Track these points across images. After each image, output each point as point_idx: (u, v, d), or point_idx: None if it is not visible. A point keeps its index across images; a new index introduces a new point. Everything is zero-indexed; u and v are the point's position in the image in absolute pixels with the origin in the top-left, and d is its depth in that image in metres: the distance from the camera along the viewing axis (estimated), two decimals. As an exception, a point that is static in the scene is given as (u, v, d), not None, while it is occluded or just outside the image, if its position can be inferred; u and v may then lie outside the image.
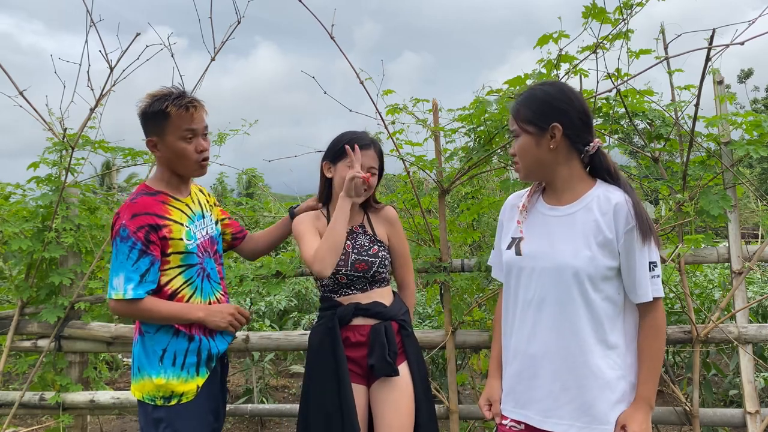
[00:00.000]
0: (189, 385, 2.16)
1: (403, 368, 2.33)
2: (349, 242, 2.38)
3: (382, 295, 2.39)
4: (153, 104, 2.12)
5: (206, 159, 2.21)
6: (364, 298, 2.36)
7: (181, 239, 2.16)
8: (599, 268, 1.73)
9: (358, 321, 2.33)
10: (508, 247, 1.90)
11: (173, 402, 2.14)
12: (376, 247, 2.40)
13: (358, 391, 2.30)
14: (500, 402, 1.95)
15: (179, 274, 2.18)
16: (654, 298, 1.75)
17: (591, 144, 1.79)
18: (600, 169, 1.83)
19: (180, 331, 2.16)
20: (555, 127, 1.76)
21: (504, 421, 1.91)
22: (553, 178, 1.84)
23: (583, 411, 1.75)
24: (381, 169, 2.46)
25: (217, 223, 2.47)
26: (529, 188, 1.97)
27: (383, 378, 2.29)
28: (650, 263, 1.74)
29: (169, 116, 2.10)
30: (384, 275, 2.40)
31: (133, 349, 2.24)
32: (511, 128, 1.85)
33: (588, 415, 1.74)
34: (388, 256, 2.43)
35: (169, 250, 2.14)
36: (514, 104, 1.85)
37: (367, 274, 2.35)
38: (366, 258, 2.36)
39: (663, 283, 2.80)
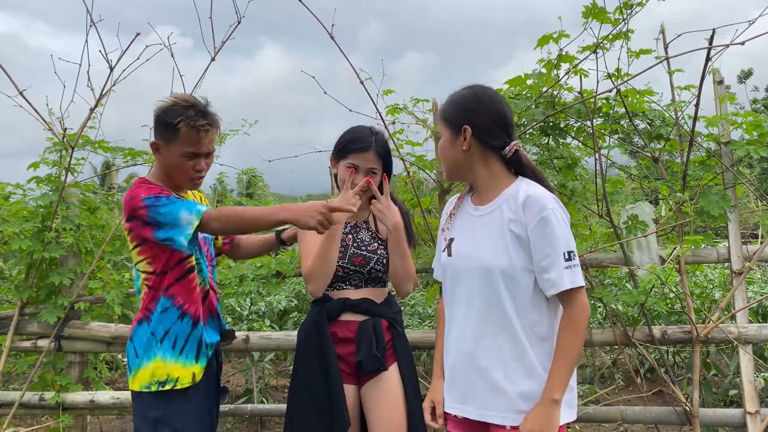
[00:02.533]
0: (186, 370, 2.14)
1: (393, 368, 2.30)
2: (350, 236, 2.39)
3: (375, 295, 2.37)
4: (169, 113, 2.10)
5: (201, 177, 2.22)
6: (354, 294, 2.34)
7: None
8: (517, 264, 1.77)
9: (346, 317, 2.31)
10: (444, 249, 1.98)
11: (168, 387, 2.11)
12: (376, 244, 2.39)
13: (348, 390, 2.27)
14: (443, 403, 1.98)
15: (192, 255, 2.20)
16: (571, 288, 1.72)
17: (507, 147, 1.85)
18: (520, 167, 1.88)
19: (186, 315, 2.16)
20: (465, 129, 1.83)
21: (452, 410, 1.95)
22: (473, 178, 1.91)
23: (516, 403, 1.77)
24: (387, 164, 2.39)
25: None
26: (461, 192, 2.05)
27: (375, 379, 2.27)
28: (566, 252, 1.72)
29: (178, 132, 2.09)
30: (380, 274, 2.37)
31: (131, 341, 2.20)
32: (439, 129, 1.96)
33: (522, 408, 1.77)
34: (387, 255, 2.39)
35: None
36: (440, 106, 1.95)
37: (363, 269, 2.34)
38: (364, 253, 2.35)
39: (663, 282, 2.82)
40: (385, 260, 2.37)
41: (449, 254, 1.94)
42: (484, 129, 1.83)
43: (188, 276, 2.18)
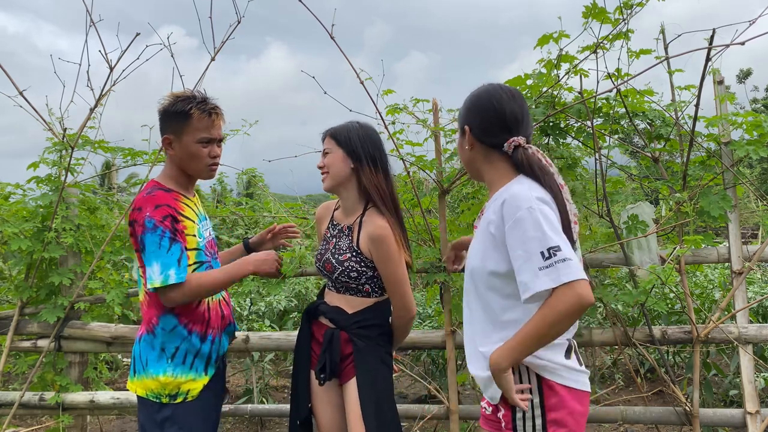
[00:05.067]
0: (197, 383, 2.16)
1: (353, 383, 2.28)
2: (333, 240, 2.37)
3: (350, 303, 2.32)
4: (177, 104, 2.15)
5: (216, 164, 2.25)
6: (335, 299, 2.35)
7: (195, 236, 2.19)
8: (487, 266, 1.75)
9: (322, 319, 2.37)
10: None
11: (179, 399, 2.13)
12: (349, 254, 2.29)
13: (327, 383, 2.33)
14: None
15: (194, 270, 2.18)
16: (556, 287, 1.57)
17: (506, 144, 1.81)
18: (521, 166, 1.81)
19: (194, 332, 2.17)
20: (465, 129, 1.86)
21: (482, 403, 1.96)
22: (482, 178, 1.92)
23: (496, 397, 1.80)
24: (344, 146, 2.30)
25: None
26: None
27: (343, 384, 2.33)
28: (545, 251, 1.59)
29: (190, 117, 2.13)
30: (352, 285, 2.30)
31: (139, 344, 2.20)
32: None
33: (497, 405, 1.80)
34: (361, 269, 2.28)
35: (186, 246, 2.15)
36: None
37: (331, 276, 2.32)
38: (333, 261, 2.31)
39: (663, 282, 2.82)
40: (354, 274, 2.27)
41: None
42: (480, 128, 1.83)
43: None
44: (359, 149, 2.30)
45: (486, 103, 1.83)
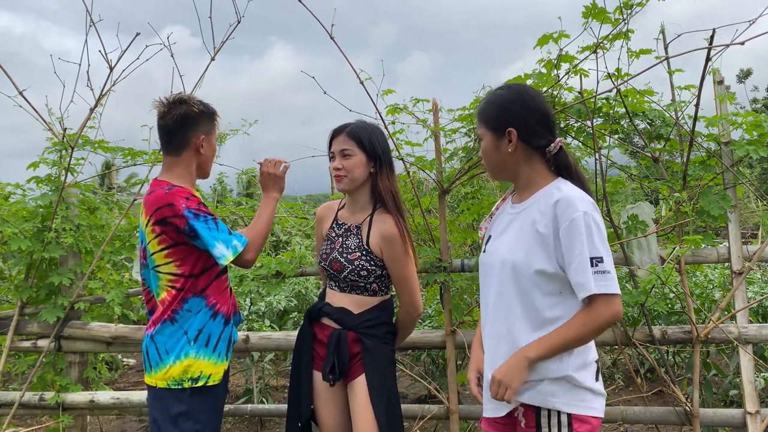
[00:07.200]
0: (218, 367, 2.20)
1: (361, 379, 2.29)
2: (340, 239, 2.36)
3: (356, 303, 2.32)
4: (208, 105, 2.28)
5: None
6: (339, 299, 2.34)
7: None
8: (533, 263, 1.76)
9: (325, 320, 2.36)
10: (483, 248, 2.01)
11: (201, 383, 2.15)
12: (358, 253, 2.30)
13: (325, 384, 2.32)
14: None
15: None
16: (599, 294, 1.68)
17: (552, 145, 1.83)
18: (560, 167, 1.86)
19: (218, 314, 2.22)
20: (510, 132, 1.81)
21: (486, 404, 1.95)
22: (516, 178, 1.91)
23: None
24: (368, 151, 2.30)
25: None
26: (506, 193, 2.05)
27: (349, 383, 2.32)
28: (593, 258, 1.69)
29: (216, 117, 2.32)
30: (361, 284, 2.31)
31: (152, 339, 2.19)
32: (478, 131, 1.94)
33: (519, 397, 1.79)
34: (371, 267, 2.29)
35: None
36: (477, 108, 1.94)
37: (339, 275, 2.31)
38: (342, 260, 2.31)
39: (663, 282, 2.82)
40: (363, 272, 2.28)
41: (484, 250, 1.97)
42: (529, 130, 1.82)
43: (222, 276, 2.25)
44: (380, 153, 2.33)
45: (531, 104, 1.83)
